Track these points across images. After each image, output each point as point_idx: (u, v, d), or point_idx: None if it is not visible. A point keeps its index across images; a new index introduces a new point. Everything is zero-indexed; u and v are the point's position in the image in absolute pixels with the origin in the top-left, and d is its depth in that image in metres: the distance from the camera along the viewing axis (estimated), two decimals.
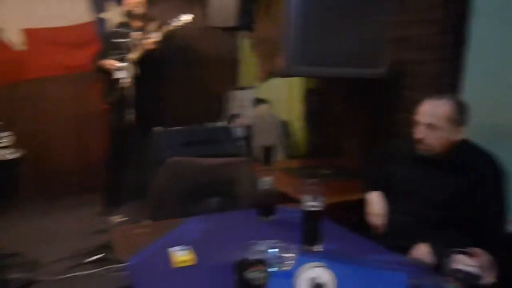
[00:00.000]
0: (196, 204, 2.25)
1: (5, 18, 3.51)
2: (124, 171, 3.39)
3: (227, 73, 4.24)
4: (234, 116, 3.56)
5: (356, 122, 3.04)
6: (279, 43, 3.65)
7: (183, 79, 4.04)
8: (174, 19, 3.01)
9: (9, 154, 2.21)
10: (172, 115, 3.43)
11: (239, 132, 2.82)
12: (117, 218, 3.24)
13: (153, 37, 3.04)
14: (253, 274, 0.98)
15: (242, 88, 3.59)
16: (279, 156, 3.12)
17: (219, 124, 3.07)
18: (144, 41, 3.07)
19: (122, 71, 3.03)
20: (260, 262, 1.01)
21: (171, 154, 2.36)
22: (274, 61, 3.79)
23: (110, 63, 3.15)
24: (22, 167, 2.30)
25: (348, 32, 2.37)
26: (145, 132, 3.01)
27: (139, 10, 3.23)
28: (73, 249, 2.82)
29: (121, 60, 3.16)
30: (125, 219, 3.21)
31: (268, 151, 2.13)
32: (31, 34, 3.65)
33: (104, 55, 3.29)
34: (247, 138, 2.96)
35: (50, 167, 3.73)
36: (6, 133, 2.27)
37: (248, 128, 3.17)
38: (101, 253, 2.74)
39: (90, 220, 3.37)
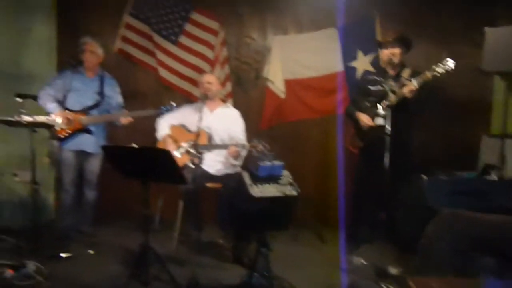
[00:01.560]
0: (470, 262, 2.08)
1: (274, 72, 4.15)
2: (369, 213, 3.44)
3: (480, 119, 3.92)
4: (490, 167, 3.22)
5: None
6: None
7: (434, 124, 3.92)
8: (436, 65, 2.95)
9: (289, 191, 2.51)
10: (423, 162, 3.33)
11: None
12: (359, 260, 3.29)
13: (411, 85, 3.05)
14: None
15: (500, 136, 3.23)
16: None
17: (489, 175, 2.80)
18: (402, 89, 3.10)
19: (378, 117, 3.12)
20: None
21: (439, 204, 2.28)
22: None
23: (365, 120, 3.30)
24: (297, 203, 2.59)
25: None
26: (394, 176, 3.02)
27: (395, 59, 3.31)
28: (321, 281, 2.97)
29: (374, 106, 3.27)
30: (366, 263, 3.24)
31: None
32: (289, 84, 4.21)
33: (356, 101, 3.48)
34: None
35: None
36: (286, 172, 2.60)
37: None
38: None
39: (331, 255, 3.49)
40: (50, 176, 3.81)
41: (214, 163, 3.40)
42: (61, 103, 3.40)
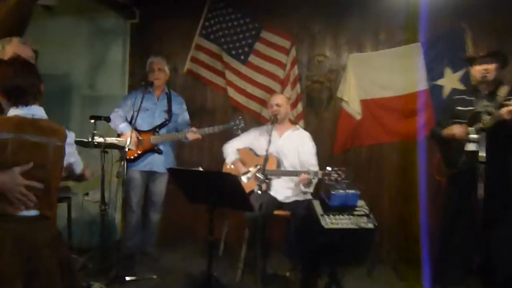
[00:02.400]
0: None
1: (349, 91, 4.04)
2: (459, 250, 3.15)
3: None
4: None
5: None
6: None
7: None
8: None
9: (365, 223, 2.37)
10: None
11: None
12: None
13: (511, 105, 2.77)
14: None
15: None
16: None
17: None
18: (499, 109, 2.83)
19: (473, 142, 2.88)
20: None
21: None
22: None
23: (460, 132, 3.04)
24: (374, 236, 2.44)
25: None
26: (490, 209, 2.74)
27: (489, 75, 3.04)
28: None
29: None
30: None
31: None
32: (366, 104, 4.06)
33: (444, 123, 3.24)
34: None
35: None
36: (362, 202, 2.46)
37: None
38: None
39: None
40: (119, 197, 4.00)
41: (282, 189, 3.35)
42: (130, 123, 3.57)
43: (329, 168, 2.85)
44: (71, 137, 1.98)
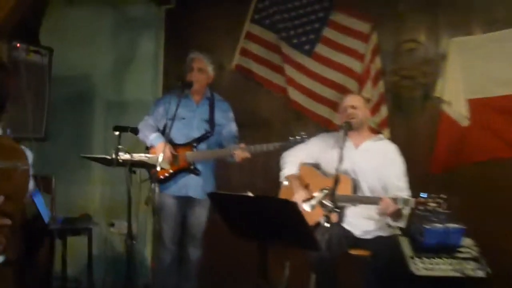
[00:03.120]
0: None
1: (451, 89, 3.94)
2: None
3: None
4: None
5: None
6: None
7: None
8: None
9: (473, 270, 2.25)
10: None
11: None
12: None
13: None
14: None
15: None
16: None
17: None
18: None
19: None
20: None
21: None
22: None
23: None
24: None
25: None
26: None
27: None
28: None
29: None
30: None
31: None
32: (477, 106, 3.93)
33: None
34: None
35: None
36: (470, 240, 2.34)
37: None
38: None
39: None
40: (149, 228, 4.12)
41: (360, 220, 3.27)
42: (163, 134, 3.65)
43: (424, 195, 2.75)
44: (30, 157, 1.99)
